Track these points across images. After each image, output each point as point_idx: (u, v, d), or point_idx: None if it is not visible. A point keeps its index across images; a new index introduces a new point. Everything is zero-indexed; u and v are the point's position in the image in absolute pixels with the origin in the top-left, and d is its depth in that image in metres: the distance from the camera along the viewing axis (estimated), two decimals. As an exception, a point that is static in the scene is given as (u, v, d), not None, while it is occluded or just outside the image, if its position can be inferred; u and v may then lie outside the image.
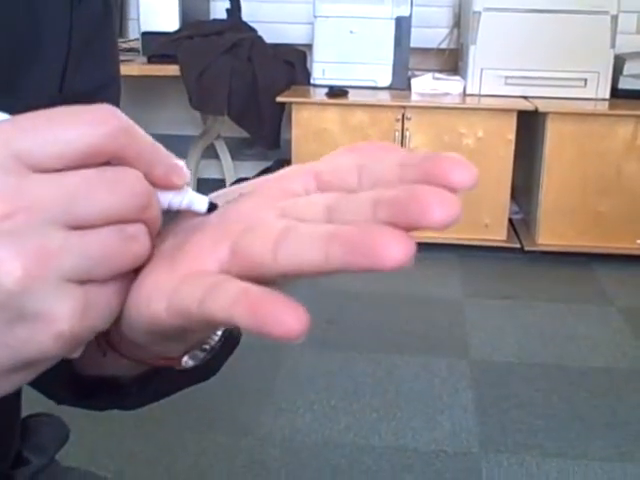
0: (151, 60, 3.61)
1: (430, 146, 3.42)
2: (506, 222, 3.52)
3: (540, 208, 3.43)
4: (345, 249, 0.27)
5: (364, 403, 2.30)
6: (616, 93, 3.54)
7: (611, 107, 3.44)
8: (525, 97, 3.51)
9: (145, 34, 3.72)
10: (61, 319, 0.30)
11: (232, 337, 0.54)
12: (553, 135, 3.35)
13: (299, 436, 2.13)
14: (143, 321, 0.34)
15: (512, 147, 3.40)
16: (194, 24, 3.80)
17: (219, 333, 0.44)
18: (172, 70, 3.51)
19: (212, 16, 4.14)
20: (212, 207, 0.37)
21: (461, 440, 2.13)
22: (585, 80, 3.52)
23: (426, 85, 3.61)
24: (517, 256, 3.46)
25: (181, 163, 0.36)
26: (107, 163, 0.32)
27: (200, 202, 0.37)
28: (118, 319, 0.35)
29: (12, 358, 0.31)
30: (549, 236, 3.45)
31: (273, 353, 2.58)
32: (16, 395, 0.66)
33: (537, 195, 3.44)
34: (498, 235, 3.49)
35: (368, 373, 2.47)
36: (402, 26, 3.64)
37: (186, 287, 0.32)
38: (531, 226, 3.57)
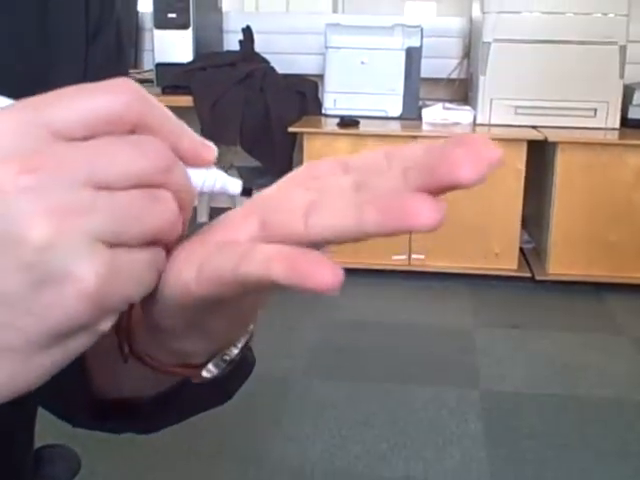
0: (165, 91, 3.66)
1: (440, 176, 3.43)
2: (517, 251, 3.52)
3: (551, 237, 3.44)
4: (378, 212, 0.28)
5: (374, 433, 2.30)
6: (626, 122, 3.55)
7: (621, 137, 3.46)
8: (535, 127, 3.53)
9: (159, 65, 3.78)
10: (87, 278, 0.29)
11: (247, 362, 0.55)
12: (563, 165, 3.36)
13: (309, 465, 2.13)
14: (174, 295, 0.34)
15: (522, 177, 3.41)
16: (207, 55, 3.85)
17: (239, 345, 0.44)
18: (185, 101, 3.56)
19: (225, 47, 4.20)
20: (246, 190, 0.37)
21: (471, 471, 2.12)
22: (595, 110, 3.54)
23: (436, 115, 3.64)
24: (528, 285, 3.46)
25: (208, 142, 0.36)
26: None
27: (234, 184, 0.38)
28: (150, 301, 0.36)
29: (38, 327, 0.30)
30: (560, 265, 3.45)
31: (282, 382, 2.59)
32: (29, 426, 0.68)
33: (548, 224, 3.44)
34: (509, 264, 3.50)
35: (378, 403, 2.47)
36: (412, 57, 3.68)
37: (218, 255, 0.32)
38: (542, 255, 3.58)
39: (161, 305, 0.36)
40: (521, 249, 3.62)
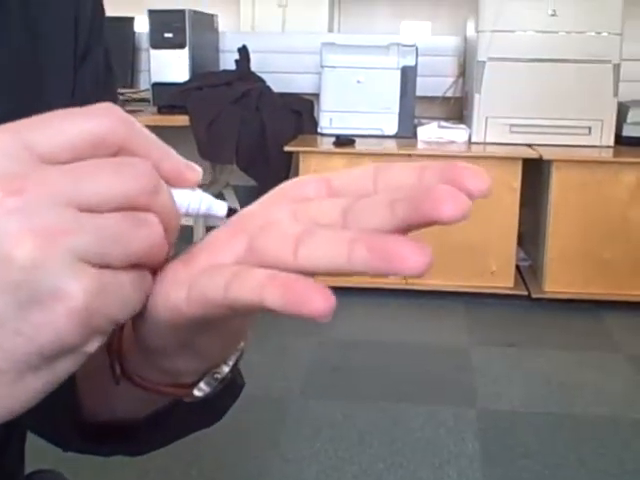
0: (161, 110, 3.67)
1: (436, 194, 3.45)
2: (513, 269, 3.53)
3: (547, 255, 3.44)
4: (368, 252, 0.29)
5: (370, 453, 2.30)
6: (620, 140, 3.57)
7: (615, 154, 3.47)
8: (530, 145, 3.54)
9: (155, 85, 3.79)
10: (75, 296, 0.29)
11: (236, 384, 0.55)
12: (558, 183, 3.38)
13: (305, 487, 2.12)
14: (164, 317, 0.35)
15: (517, 195, 3.42)
16: (204, 75, 3.87)
17: (230, 363, 0.44)
18: (182, 120, 3.57)
19: (222, 67, 4.22)
20: (231, 211, 0.37)
21: (467, 491, 2.12)
22: (589, 128, 3.56)
23: (432, 133, 3.66)
24: (524, 303, 3.46)
25: (192, 163, 0.37)
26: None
27: (219, 206, 0.38)
28: (140, 322, 0.36)
29: (27, 348, 0.30)
30: (556, 283, 3.45)
31: (279, 403, 2.58)
32: (19, 451, 0.68)
33: (543, 242, 3.45)
34: (505, 282, 3.50)
35: (374, 422, 2.47)
36: (408, 75, 3.70)
37: (206, 277, 0.32)
38: (538, 273, 3.58)
39: (151, 326, 0.36)
40: (517, 267, 3.62)
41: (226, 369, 0.43)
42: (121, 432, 0.53)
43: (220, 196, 4.04)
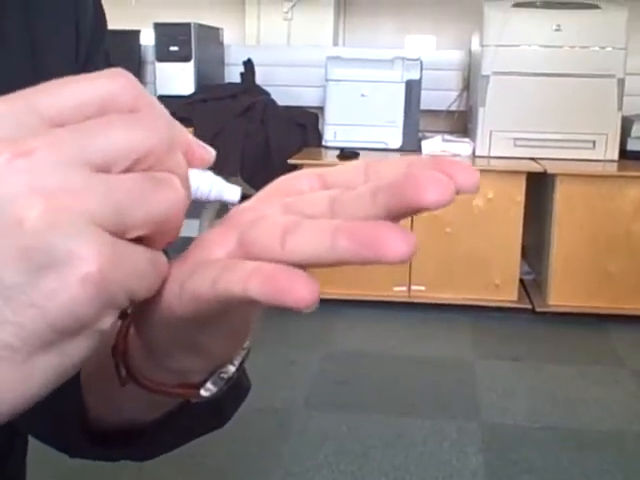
0: (166, 123, 3.68)
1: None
2: (517, 283, 3.53)
3: (551, 269, 3.44)
4: (350, 240, 0.28)
5: (373, 466, 2.29)
6: (624, 154, 3.57)
7: (620, 168, 3.47)
8: (534, 159, 3.55)
9: (161, 97, 3.80)
10: (89, 261, 0.27)
11: (242, 386, 0.55)
12: (562, 196, 3.38)
13: (308, 500, 2.12)
14: (160, 316, 0.34)
15: (522, 208, 3.42)
16: (209, 88, 3.89)
17: (236, 363, 0.43)
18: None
19: (227, 79, 4.23)
20: (245, 198, 0.35)
21: (471, 505, 2.11)
22: (593, 142, 3.57)
23: (436, 147, 3.66)
24: (528, 317, 3.46)
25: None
26: None
27: (232, 192, 0.36)
28: (140, 321, 0.36)
29: (39, 322, 0.28)
30: (560, 297, 3.45)
31: (283, 415, 2.58)
32: (21, 461, 0.68)
33: (548, 256, 3.45)
34: (509, 296, 3.50)
35: (378, 436, 2.46)
36: (412, 89, 3.71)
37: (198, 272, 0.32)
38: (542, 287, 3.58)
39: (151, 326, 0.36)
40: (521, 280, 3.62)
41: (232, 369, 0.43)
42: (127, 436, 0.53)
43: (225, 208, 4.05)
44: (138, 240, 0.30)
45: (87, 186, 0.28)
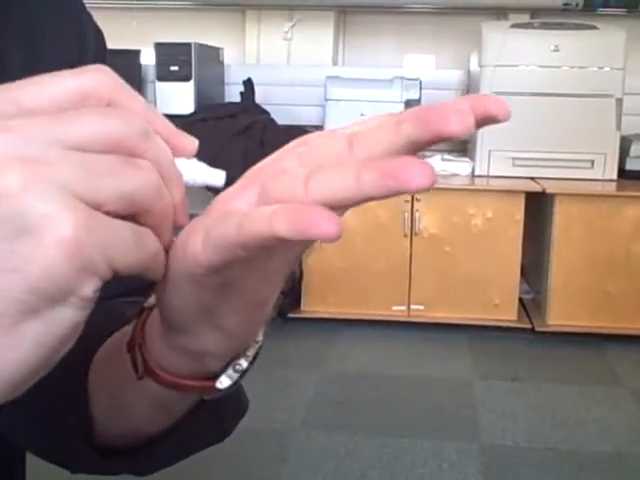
0: (166, 142, 3.69)
1: (439, 227, 3.46)
2: (516, 302, 3.52)
3: (550, 288, 3.44)
4: (375, 174, 0.29)
5: (372, 488, 2.28)
6: (623, 174, 3.58)
7: (619, 188, 3.48)
8: (533, 178, 3.55)
9: (161, 117, 3.82)
10: (64, 225, 0.29)
11: (241, 402, 0.56)
12: (561, 216, 3.38)
13: (306, 522, 2.11)
14: (184, 269, 0.34)
15: (521, 227, 3.43)
16: (209, 107, 3.90)
17: (249, 355, 0.44)
18: (186, 152, 3.58)
19: (227, 99, 4.25)
20: (230, 182, 0.36)
21: (470, 528, 2.10)
22: (592, 162, 3.57)
23: (435, 166, 3.65)
24: (528, 336, 3.45)
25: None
26: None
27: (217, 176, 0.37)
28: (163, 288, 0.36)
29: (21, 285, 0.29)
30: (560, 316, 3.45)
31: (280, 436, 2.57)
32: (21, 476, 0.68)
33: (547, 275, 3.45)
34: (508, 315, 3.50)
35: (376, 457, 2.45)
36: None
37: (221, 221, 0.32)
38: (541, 306, 3.57)
39: (173, 292, 0.37)
40: (520, 299, 3.62)
41: (245, 363, 0.43)
42: (130, 449, 0.53)
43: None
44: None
45: (62, 159, 0.29)
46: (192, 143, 0.36)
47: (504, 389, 2.98)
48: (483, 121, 0.31)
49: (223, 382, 0.43)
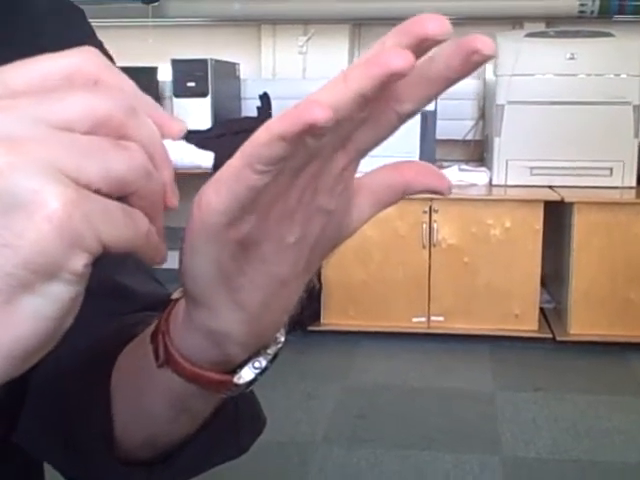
0: (184, 158, 3.71)
1: (458, 238, 3.45)
2: (537, 312, 3.50)
3: (571, 297, 3.41)
4: (358, 68, 0.31)
5: (395, 501, 2.27)
6: (642, 181, 3.56)
7: (638, 195, 3.46)
8: (551, 187, 3.54)
9: (178, 133, 3.84)
10: (53, 200, 0.29)
11: (259, 419, 0.56)
12: (580, 224, 3.36)
13: (329, 537, 2.09)
14: (200, 229, 0.35)
15: (540, 237, 3.41)
16: (225, 122, 3.92)
17: (269, 352, 0.44)
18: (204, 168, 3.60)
19: (243, 113, 4.27)
20: (219, 163, 0.36)
21: (494, 541, 2.08)
22: (611, 169, 3.56)
23: (453, 177, 3.66)
24: (549, 346, 3.43)
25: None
26: None
27: (205, 157, 0.37)
28: (181, 269, 0.37)
29: (14, 260, 0.29)
30: (581, 325, 3.42)
31: (301, 450, 2.56)
32: None
33: (567, 284, 3.43)
34: (529, 325, 3.47)
35: (398, 470, 2.44)
36: (428, 120, 3.72)
37: (226, 166, 0.33)
38: (562, 315, 3.55)
39: (193, 254, 0.37)
40: (541, 309, 3.60)
41: (264, 362, 0.44)
42: (149, 462, 0.54)
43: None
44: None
45: (49, 137, 0.30)
46: (180, 125, 0.36)
47: (526, 400, 2.96)
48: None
49: (242, 378, 0.43)
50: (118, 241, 0.32)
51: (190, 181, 0.73)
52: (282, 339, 0.45)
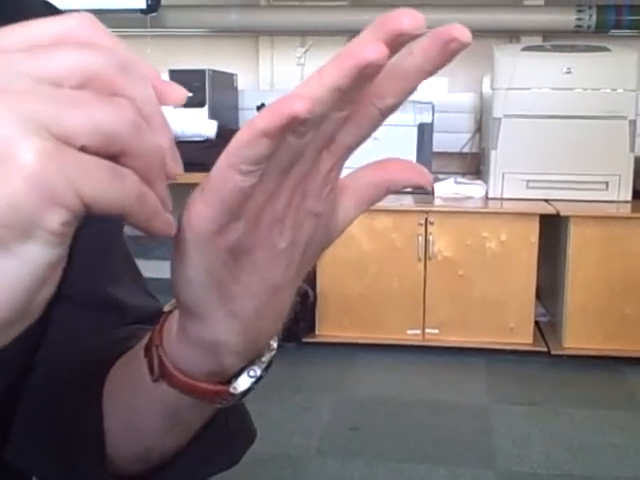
0: (180, 168, 3.71)
1: (453, 250, 3.45)
2: (532, 325, 3.50)
3: (566, 311, 3.41)
4: (332, 62, 0.31)
5: (388, 515, 2.26)
6: (638, 195, 3.57)
7: (633, 209, 3.47)
8: (547, 200, 3.54)
9: (175, 143, 3.84)
10: (27, 151, 0.28)
11: (249, 430, 0.56)
12: (576, 238, 3.37)
13: None
14: (191, 238, 0.35)
15: (536, 250, 3.41)
16: (223, 133, 3.92)
17: (264, 361, 0.43)
18: (200, 178, 3.58)
19: (241, 124, 4.27)
20: (222, 131, 0.36)
21: None
22: (606, 183, 3.56)
23: (449, 189, 3.67)
24: (544, 360, 3.42)
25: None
26: None
27: (208, 126, 0.36)
28: (174, 273, 0.37)
29: None
30: (576, 339, 3.42)
31: (296, 463, 2.55)
32: None
33: (562, 298, 3.43)
34: (524, 338, 3.47)
35: (392, 483, 2.43)
36: (424, 132, 3.73)
37: (211, 173, 0.33)
38: (557, 329, 3.55)
39: (185, 263, 0.36)
40: (536, 322, 3.59)
41: (258, 371, 0.43)
42: (141, 476, 0.53)
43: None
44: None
45: (31, 90, 0.29)
46: (180, 91, 0.34)
47: (520, 414, 2.95)
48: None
49: (238, 387, 0.43)
50: (100, 199, 0.30)
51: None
52: (275, 345, 0.44)
